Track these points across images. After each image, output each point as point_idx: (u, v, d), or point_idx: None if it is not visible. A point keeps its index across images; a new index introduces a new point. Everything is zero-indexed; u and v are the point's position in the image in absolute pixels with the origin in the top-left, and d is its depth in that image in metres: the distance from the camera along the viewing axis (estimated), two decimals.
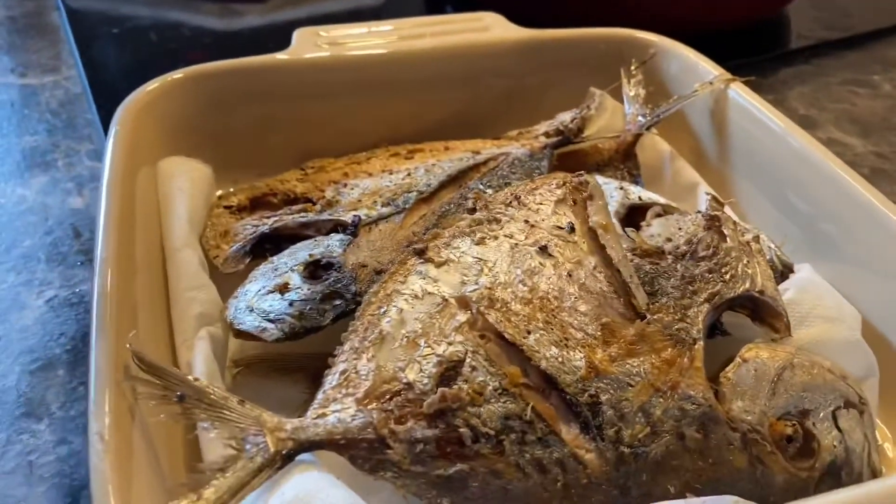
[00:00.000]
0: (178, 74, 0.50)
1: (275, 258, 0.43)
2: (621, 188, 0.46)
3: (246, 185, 0.51)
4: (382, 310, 0.36)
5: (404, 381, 0.33)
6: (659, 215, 0.43)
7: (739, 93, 0.51)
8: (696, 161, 0.54)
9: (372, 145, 0.54)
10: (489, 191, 0.45)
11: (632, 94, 0.54)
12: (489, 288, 0.36)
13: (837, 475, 0.34)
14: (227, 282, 0.43)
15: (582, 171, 0.43)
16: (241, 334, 0.39)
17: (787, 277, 0.42)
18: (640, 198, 0.46)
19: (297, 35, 0.55)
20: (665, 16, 0.73)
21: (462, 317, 0.35)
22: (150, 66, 0.72)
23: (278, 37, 0.56)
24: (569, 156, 0.52)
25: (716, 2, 0.75)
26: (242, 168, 0.52)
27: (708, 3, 0.75)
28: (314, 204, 0.47)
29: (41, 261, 0.52)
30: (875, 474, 0.35)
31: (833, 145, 0.64)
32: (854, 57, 0.77)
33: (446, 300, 0.36)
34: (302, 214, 0.46)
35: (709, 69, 0.53)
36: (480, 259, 0.38)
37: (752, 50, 0.77)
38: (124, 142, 0.45)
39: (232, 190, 0.51)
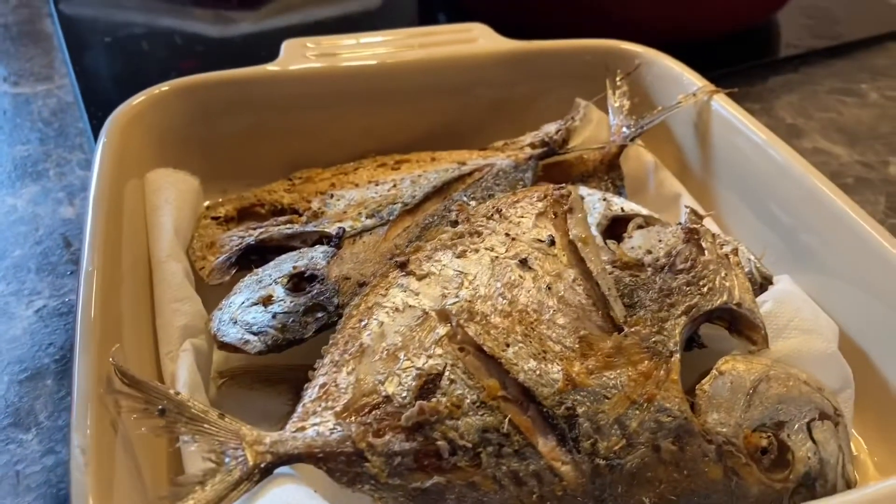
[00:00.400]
0: (164, 87, 0.50)
1: (259, 270, 0.43)
2: (604, 199, 0.47)
3: (234, 195, 0.51)
4: (363, 323, 0.36)
5: (383, 394, 0.33)
6: (640, 227, 0.44)
7: (722, 104, 0.51)
8: (679, 172, 0.54)
9: (360, 155, 0.54)
10: (473, 202, 0.45)
11: (616, 104, 0.54)
12: (469, 301, 0.37)
13: (812, 486, 0.35)
14: (213, 293, 0.43)
15: (564, 184, 0.43)
16: (224, 346, 0.39)
17: (766, 289, 0.42)
18: (622, 209, 0.46)
19: (285, 46, 0.56)
20: (654, 26, 0.74)
21: (442, 330, 0.35)
22: (142, 74, 0.73)
23: (272, 44, 0.56)
24: (554, 167, 0.52)
25: (704, 11, 0.75)
26: (231, 178, 0.53)
27: (696, 12, 0.75)
28: (300, 215, 0.48)
29: (31, 271, 0.52)
30: (849, 485, 0.36)
31: (819, 154, 0.64)
32: (842, 65, 0.78)
33: (427, 313, 0.36)
34: (288, 226, 0.46)
35: (693, 80, 0.54)
36: (461, 272, 0.38)
37: (742, 58, 0.78)
38: (111, 154, 0.45)
39: (220, 200, 0.51)
